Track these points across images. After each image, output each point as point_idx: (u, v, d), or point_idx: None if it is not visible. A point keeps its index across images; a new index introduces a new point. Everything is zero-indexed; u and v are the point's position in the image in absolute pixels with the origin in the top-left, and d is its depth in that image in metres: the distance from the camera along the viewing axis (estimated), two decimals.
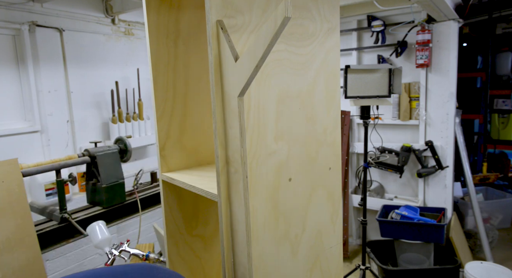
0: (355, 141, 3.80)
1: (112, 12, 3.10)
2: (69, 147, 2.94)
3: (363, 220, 2.92)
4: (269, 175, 1.02)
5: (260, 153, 0.99)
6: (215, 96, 0.87)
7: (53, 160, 2.28)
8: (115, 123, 3.12)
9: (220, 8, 0.85)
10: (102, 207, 2.47)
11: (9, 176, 1.94)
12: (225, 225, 0.93)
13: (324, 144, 1.20)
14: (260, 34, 0.74)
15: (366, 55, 3.64)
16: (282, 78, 1.05)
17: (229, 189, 0.91)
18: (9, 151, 2.51)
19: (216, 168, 0.90)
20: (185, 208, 1.33)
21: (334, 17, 1.17)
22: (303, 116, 1.11)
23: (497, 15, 3.42)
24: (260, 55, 0.74)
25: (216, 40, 0.85)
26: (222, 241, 0.94)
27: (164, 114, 1.24)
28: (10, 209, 1.89)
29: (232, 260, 0.94)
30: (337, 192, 1.27)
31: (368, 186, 3.52)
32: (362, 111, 2.76)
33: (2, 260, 1.81)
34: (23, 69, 2.62)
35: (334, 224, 1.28)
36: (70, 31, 2.86)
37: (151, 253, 1.83)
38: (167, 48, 1.22)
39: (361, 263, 2.94)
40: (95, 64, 3.07)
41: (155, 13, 1.18)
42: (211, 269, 1.44)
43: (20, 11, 2.56)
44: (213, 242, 1.43)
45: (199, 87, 1.32)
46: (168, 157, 1.27)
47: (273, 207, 1.04)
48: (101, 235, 1.79)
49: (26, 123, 2.68)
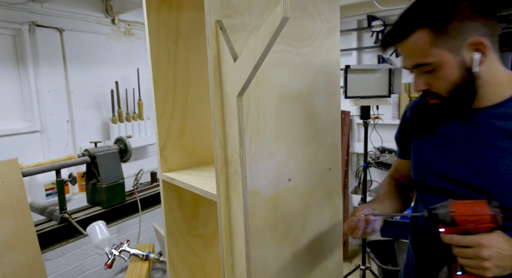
0: (355, 141, 3.80)
1: (112, 12, 3.09)
2: (69, 147, 2.93)
3: None
4: (268, 175, 1.02)
5: (260, 153, 0.99)
6: (215, 96, 0.87)
7: (53, 160, 2.28)
8: (115, 123, 3.12)
9: (219, 8, 0.85)
10: (102, 207, 2.47)
11: (9, 176, 1.94)
12: (224, 225, 0.93)
13: (324, 144, 1.20)
14: (259, 34, 0.74)
15: (366, 55, 3.64)
16: (282, 78, 1.04)
17: (228, 189, 0.91)
18: (9, 151, 2.51)
19: (216, 168, 0.90)
20: (185, 207, 1.33)
21: (334, 17, 1.17)
22: (303, 117, 1.11)
23: (497, 15, 3.42)
24: (259, 55, 0.74)
25: (215, 40, 0.85)
26: (221, 241, 0.93)
27: (164, 114, 1.24)
28: (10, 209, 1.89)
29: (231, 261, 0.94)
30: (337, 192, 1.27)
31: (368, 186, 3.52)
32: (362, 111, 2.75)
33: (2, 260, 1.81)
34: (23, 69, 2.62)
35: (334, 224, 1.28)
36: (70, 31, 2.86)
37: (151, 253, 1.83)
38: (167, 48, 1.22)
39: (361, 263, 2.93)
40: (95, 64, 3.07)
41: (156, 14, 1.18)
42: (211, 269, 1.44)
43: (20, 11, 2.56)
44: (213, 242, 1.43)
45: (200, 87, 1.32)
46: (168, 156, 1.27)
47: (272, 207, 1.04)
48: (101, 235, 1.79)
49: (26, 123, 2.68)
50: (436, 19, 0.77)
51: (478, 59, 0.76)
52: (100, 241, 1.78)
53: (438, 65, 0.80)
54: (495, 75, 0.82)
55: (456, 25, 0.76)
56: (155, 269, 1.84)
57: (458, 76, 0.79)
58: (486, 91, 0.83)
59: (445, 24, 0.77)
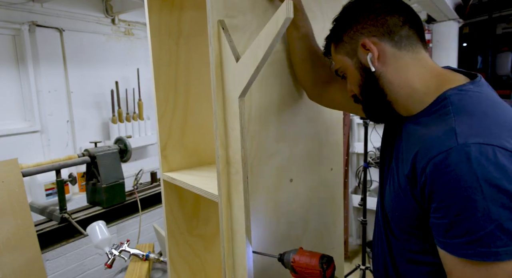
0: (355, 141, 3.80)
1: (112, 12, 3.09)
2: (69, 147, 2.93)
3: (363, 220, 2.92)
4: (270, 175, 1.02)
5: (261, 154, 0.99)
6: (216, 97, 0.87)
7: (53, 160, 2.28)
8: (115, 123, 3.12)
9: (222, 8, 0.85)
10: (102, 207, 2.47)
11: (9, 176, 1.93)
12: (226, 226, 0.92)
13: (326, 144, 1.19)
14: (261, 35, 0.74)
15: None
16: (284, 79, 1.04)
17: (230, 190, 0.91)
18: (9, 151, 2.51)
19: (217, 168, 0.90)
20: (186, 207, 1.32)
21: None
22: (305, 117, 1.11)
23: (497, 15, 3.43)
24: (261, 55, 0.74)
25: (217, 40, 0.85)
26: (222, 242, 0.93)
27: (166, 114, 1.24)
28: (10, 209, 1.89)
29: (232, 261, 0.94)
30: (339, 193, 1.27)
31: (368, 186, 3.52)
32: None
33: (2, 260, 1.80)
34: (23, 69, 2.62)
35: (335, 225, 1.28)
36: (70, 31, 2.86)
37: (151, 253, 1.83)
38: (169, 48, 1.22)
39: (361, 263, 2.94)
40: (95, 64, 3.07)
41: (157, 13, 1.17)
42: (212, 269, 1.43)
43: (20, 11, 2.55)
44: (213, 242, 1.43)
45: (201, 88, 1.32)
46: (169, 156, 1.27)
47: (274, 207, 1.04)
48: (101, 235, 1.79)
49: (26, 123, 2.68)
50: (335, 32, 0.86)
51: (369, 59, 0.78)
52: (100, 241, 1.78)
53: (344, 69, 0.86)
54: (406, 75, 0.78)
55: (348, 32, 0.82)
56: (155, 269, 1.84)
57: (360, 77, 0.82)
58: (400, 95, 0.79)
59: (340, 34, 0.84)
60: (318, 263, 0.86)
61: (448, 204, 0.65)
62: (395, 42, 0.78)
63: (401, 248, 0.83)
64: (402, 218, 0.79)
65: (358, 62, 0.82)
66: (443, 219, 0.66)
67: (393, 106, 0.82)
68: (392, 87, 0.80)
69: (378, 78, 0.80)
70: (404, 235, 0.81)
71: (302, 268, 0.87)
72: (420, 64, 0.79)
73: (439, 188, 0.65)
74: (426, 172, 0.67)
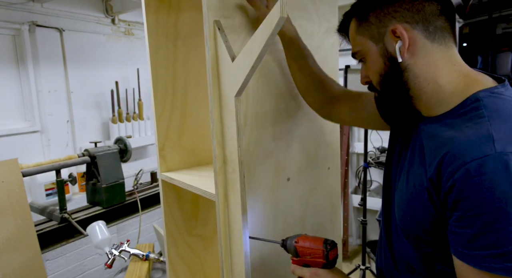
0: (355, 141, 3.80)
1: (112, 12, 3.10)
2: (69, 147, 2.94)
3: (363, 220, 2.92)
4: (267, 174, 1.02)
5: (258, 153, 0.99)
6: (213, 96, 0.87)
7: (53, 160, 2.29)
8: (115, 123, 3.13)
9: (217, 9, 0.86)
10: (102, 207, 2.47)
11: (9, 176, 1.94)
12: (223, 225, 0.93)
13: (323, 143, 1.20)
14: (256, 35, 0.75)
15: None
16: (281, 78, 1.05)
17: (227, 189, 0.91)
18: (9, 151, 2.51)
19: (214, 167, 0.90)
20: (184, 207, 1.33)
21: (333, 17, 1.18)
22: (302, 116, 1.12)
23: (497, 15, 3.42)
24: (257, 55, 0.75)
25: (213, 40, 0.85)
26: (220, 240, 0.94)
27: (164, 114, 1.24)
28: (10, 209, 1.89)
29: (230, 260, 0.94)
30: (336, 192, 1.28)
31: (368, 186, 3.52)
32: None
33: (2, 260, 1.81)
34: (23, 69, 2.62)
35: (333, 224, 1.28)
36: (70, 31, 2.86)
37: (151, 253, 1.83)
38: (167, 49, 1.23)
39: (361, 263, 2.94)
40: (95, 64, 3.07)
41: (154, 14, 1.18)
42: (211, 269, 1.44)
43: (20, 11, 2.56)
44: (212, 242, 1.43)
45: (199, 88, 1.32)
46: (167, 156, 1.27)
47: (271, 206, 1.04)
48: (101, 235, 1.79)
49: (26, 123, 2.69)
50: (360, 8, 0.77)
51: (397, 48, 0.70)
52: (100, 241, 1.78)
53: (363, 53, 0.78)
54: (435, 70, 0.71)
55: (377, 13, 0.73)
56: (155, 269, 1.84)
57: (382, 66, 0.74)
58: (424, 92, 0.73)
59: (367, 12, 0.75)
60: (322, 243, 0.85)
61: (477, 213, 0.60)
62: (429, 33, 0.71)
63: (402, 251, 0.81)
64: (412, 221, 0.74)
65: (383, 49, 0.73)
66: (468, 229, 0.61)
67: (413, 103, 0.76)
68: (417, 81, 0.72)
69: (404, 70, 0.72)
70: (411, 239, 0.77)
71: (304, 248, 0.86)
72: (450, 60, 0.72)
73: (468, 196, 0.61)
74: (455, 177, 0.62)
